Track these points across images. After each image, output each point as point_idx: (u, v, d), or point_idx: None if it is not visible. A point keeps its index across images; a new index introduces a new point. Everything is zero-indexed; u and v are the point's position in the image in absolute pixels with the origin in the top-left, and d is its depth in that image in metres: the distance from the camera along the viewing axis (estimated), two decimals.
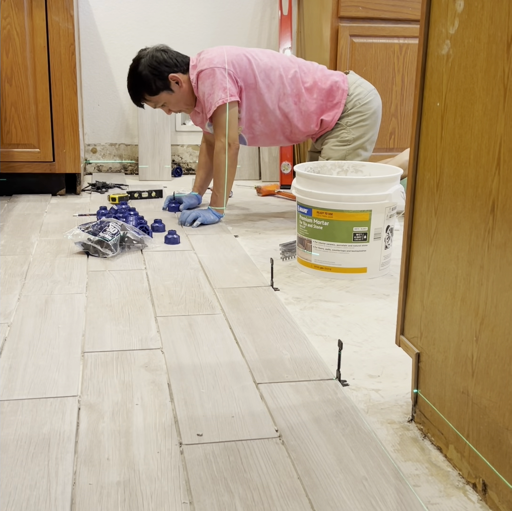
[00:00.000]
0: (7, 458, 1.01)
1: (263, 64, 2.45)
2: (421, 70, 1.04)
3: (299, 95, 2.47)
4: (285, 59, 2.51)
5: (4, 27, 2.73)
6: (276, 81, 2.45)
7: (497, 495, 0.91)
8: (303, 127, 2.52)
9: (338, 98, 2.48)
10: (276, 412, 1.17)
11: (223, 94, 2.37)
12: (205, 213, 2.48)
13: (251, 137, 2.59)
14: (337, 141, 2.50)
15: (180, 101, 2.50)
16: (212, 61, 2.40)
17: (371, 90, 2.52)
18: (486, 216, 0.88)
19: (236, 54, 2.43)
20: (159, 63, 2.43)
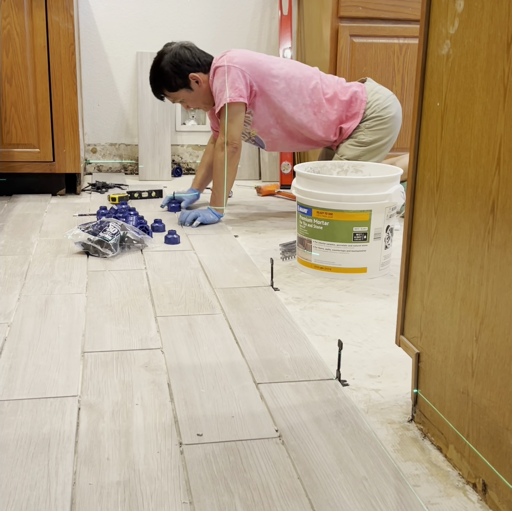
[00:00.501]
0: (7, 458, 1.01)
1: (284, 72, 2.46)
2: (421, 70, 1.04)
3: (319, 106, 2.48)
4: (307, 70, 2.52)
5: (4, 27, 2.73)
6: (295, 90, 2.46)
7: (497, 495, 0.91)
8: (322, 136, 2.53)
9: (357, 109, 2.49)
10: (276, 412, 1.17)
11: (233, 93, 2.38)
12: (204, 213, 2.48)
13: (269, 141, 2.60)
14: (354, 141, 2.50)
15: (198, 99, 2.54)
16: (232, 60, 2.41)
17: (389, 95, 2.53)
18: (486, 216, 0.88)
19: (258, 60, 2.45)
20: (181, 61, 2.46)
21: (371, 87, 2.53)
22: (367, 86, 2.54)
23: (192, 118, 3.62)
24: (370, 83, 2.57)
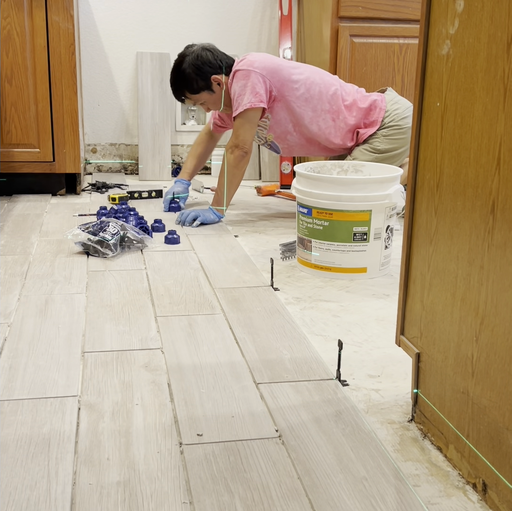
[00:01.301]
0: (7, 458, 1.01)
1: (304, 78, 2.45)
2: (421, 70, 1.04)
3: (338, 112, 2.47)
4: (327, 76, 2.52)
5: (4, 27, 2.73)
6: (315, 96, 2.45)
7: (497, 495, 0.91)
8: (339, 143, 2.52)
9: (376, 116, 2.48)
10: (276, 412, 1.17)
11: (253, 98, 2.37)
12: (205, 213, 2.48)
13: (285, 147, 2.60)
14: (369, 146, 2.49)
15: (219, 101, 2.53)
16: (252, 64, 2.40)
17: (408, 106, 2.52)
18: (486, 216, 0.88)
19: (278, 64, 2.45)
20: (203, 63, 2.45)
21: (391, 97, 2.52)
22: (387, 96, 2.53)
23: (192, 118, 3.62)
24: (391, 93, 2.55)
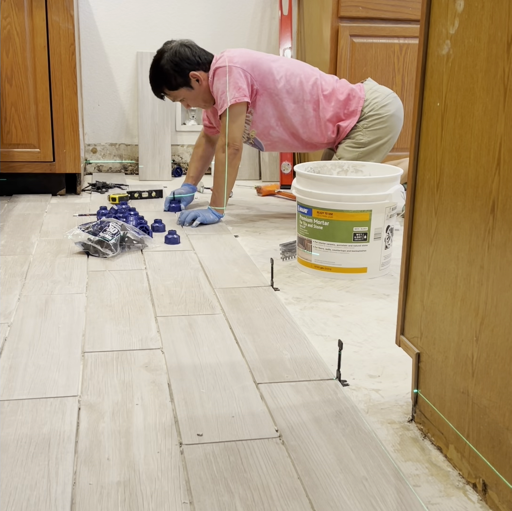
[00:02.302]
0: (7, 458, 1.01)
1: (284, 69, 2.46)
2: (421, 70, 1.04)
3: (317, 102, 2.47)
4: (306, 67, 2.53)
5: (4, 27, 2.73)
6: (296, 86, 2.45)
7: (497, 495, 0.91)
8: (321, 134, 2.52)
9: (355, 106, 2.48)
10: (276, 412, 1.17)
11: (237, 93, 2.38)
12: (204, 213, 2.48)
13: (268, 144, 2.60)
14: (351, 142, 2.49)
15: (198, 98, 2.54)
16: (232, 60, 2.41)
17: (388, 93, 2.51)
18: (486, 216, 0.88)
19: (258, 58, 2.45)
20: (181, 59, 2.46)
21: (370, 86, 2.53)
22: (366, 85, 2.53)
23: (192, 118, 3.62)
24: (370, 82, 2.56)
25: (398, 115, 2.52)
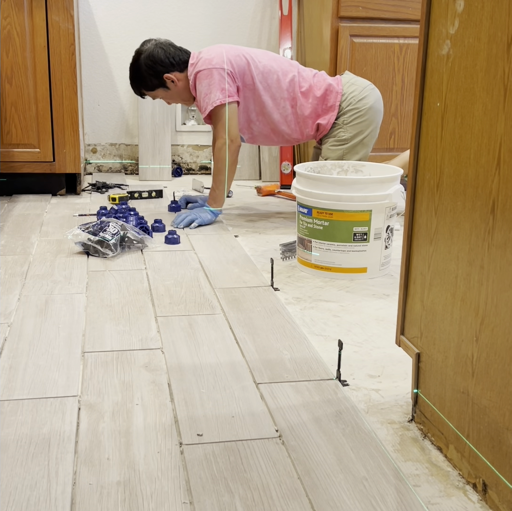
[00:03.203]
0: (7, 458, 1.01)
1: (261, 66, 2.46)
2: (421, 70, 1.04)
3: (295, 99, 2.47)
4: (285, 63, 2.51)
5: (4, 27, 2.73)
6: (273, 84, 2.46)
7: (497, 495, 0.91)
8: (299, 131, 2.52)
9: (332, 101, 2.47)
10: (276, 412, 1.17)
11: (221, 94, 2.38)
12: (201, 214, 2.46)
13: (250, 137, 2.62)
14: (334, 140, 2.49)
15: (176, 97, 2.56)
16: (211, 62, 2.40)
17: (366, 86, 2.49)
18: (486, 216, 0.88)
19: (236, 55, 2.44)
20: (154, 62, 2.46)
21: (347, 79, 2.51)
22: (343, 78, 2.52)
23: (192, 118, 3.62)
24: (347, 75, 2.54)
25: (376, 107, 2.49)
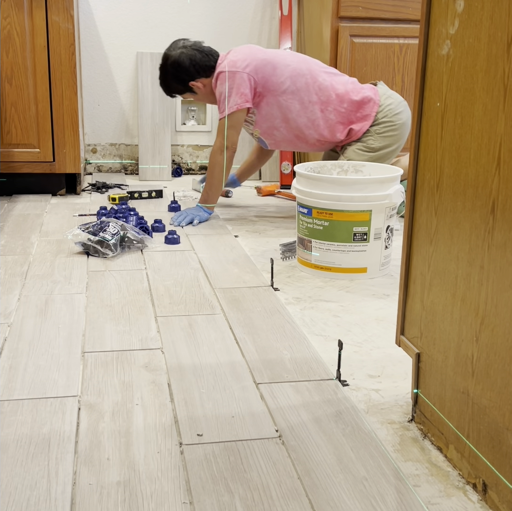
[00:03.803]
0: (7, 458, 1.01)
1: (290, 69, 2.44)
2: (421, 70, 1.04)
3: (327, 103, 2.45)
4: (316, 66, 2.50)
5: (4, 27, 2.73)
6: (302, 88, 2.43)
7: (497, 495, 0.91)
8: (328, 135, 2.49)
9: (369, 110, 2.46)
10: (276, 412, 1.17)
11: (239, 99, 2.39)
12: (198, 212, 2.50)
13: (272, 143, 2.60)
14: (362, 146, 2.47)
15: (203, 99, 2.59)
16: (235, 64, 2.41)
17: (401, 101, 2.50)
18: (486, 216, 0.88)
19: (262, 59, 2.43)
20: (179, 71, 2.49)
21: (383, 91, 2.50)
22: (380, 89, 2.51)
23: (192, 118, 3.62)
24: (383, 86, 2.53)
25: (408, 124, 2.50)
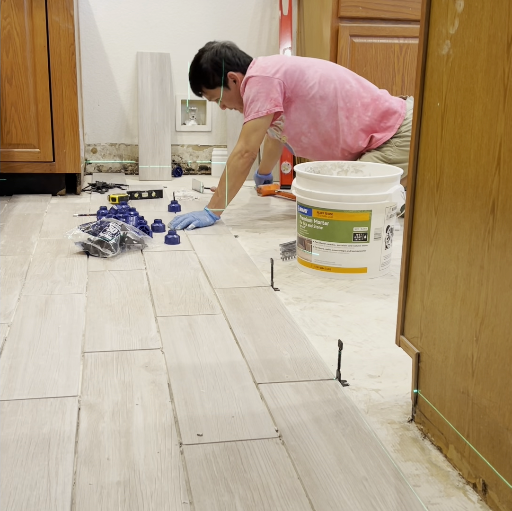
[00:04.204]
0: (7, 458, 1.01)
1: (318, 76, 2.43)
2: (421, 70, 1.04)
3: (352, 110, 2.45)
4: (344, 72, 2.50)
5: (4, 27, 2.73)
6: (330, 93, 2.43)
7: (497, 495, 0.91)
8: (351, 142, 2.49)
9: (393, 122, 2.46)
10: (276, 412, 1.17)
11: (269, 104, 2.38)
12: (200, 216, 2.44)
13: (299, 150, 2.59)
14: (380, 154, 2.47)
15: (234, 98, 2.56)
16: (265, 70, 2.40)
17: None
18: (486, 216, 0.88)
19: (291, 65, 2.43)
20: (221, 59, 2.50)
21: (411, 106, 2.49)
22: (408, 104, 2.51)
23: (192, 118, 3.62)
24: (411, 101, 2.52)
25: None
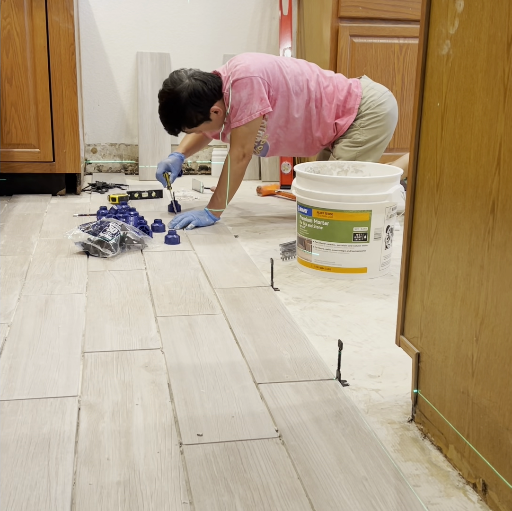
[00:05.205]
0: (7, 458, 1.01)
1: (290, 70, 2.44)
2: (421, 70, 1.04)
3: (320, 100, 2.46)
4: (306, 65, 2.51)
5: (4, 27, 2.73)
6: (304, 86, 2.44)
7: (497, 495, 0.91)
8: (321, 133, 2.50)
9: (352, 104, 2.47)
10: (276, 412, 1.17)
11: (260, 105, 2.36)
12: (199, 216, 2.45)
13: (274, 143, 2.55)
14: (349, 141, 2.48)
15: (216, 125, 2.49)
16: (249, 69, 2.36)
17: (384, 92, 2.51)
18: (486, 216, 0.88)
19: (269, 62, 2.42)
20: (200, 98, 2.36)
21: (366, 83, 2.52)
22: (363, 82, 2.53)
23: None
24: (366, 79, 2.56)
25: (393, 114, 2.51)
